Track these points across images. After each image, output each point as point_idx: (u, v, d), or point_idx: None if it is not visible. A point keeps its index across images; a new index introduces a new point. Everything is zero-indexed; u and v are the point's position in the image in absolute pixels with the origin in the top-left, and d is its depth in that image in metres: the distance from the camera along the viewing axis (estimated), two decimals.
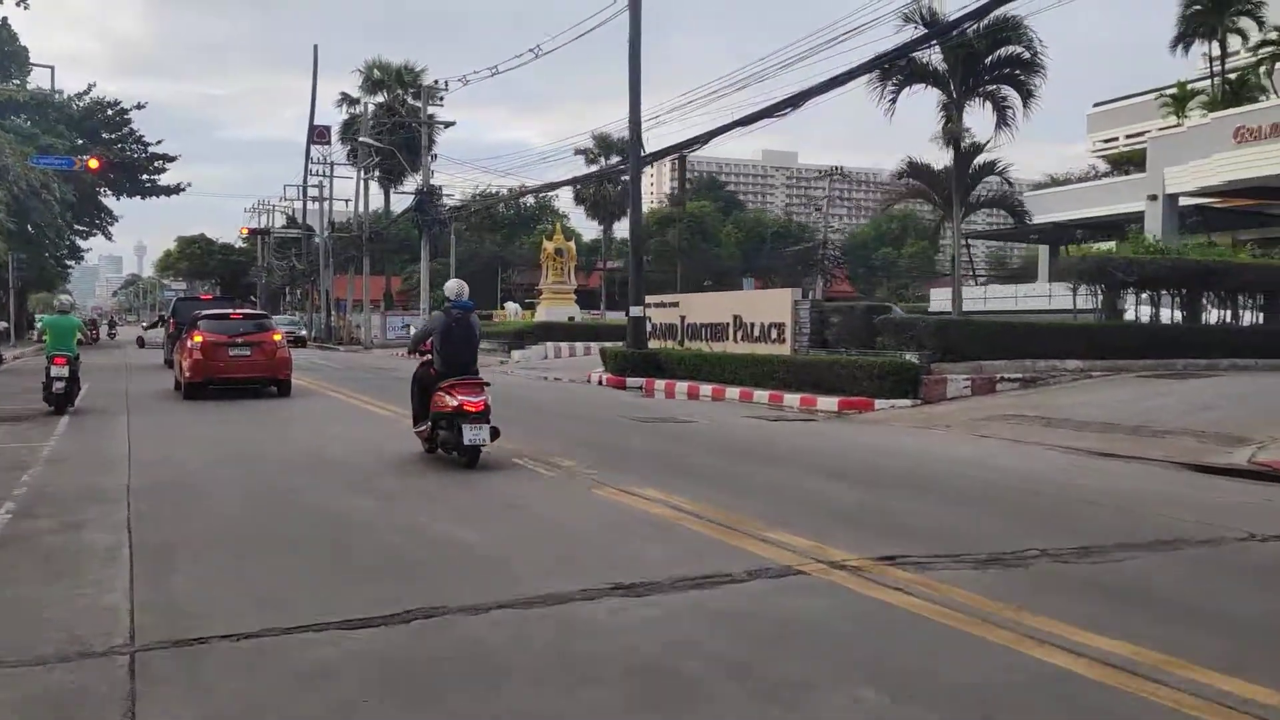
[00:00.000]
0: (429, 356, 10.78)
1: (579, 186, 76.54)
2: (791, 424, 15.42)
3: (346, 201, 64.48)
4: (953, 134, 21.77)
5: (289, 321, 53.27)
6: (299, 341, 48.92)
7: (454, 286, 11.00)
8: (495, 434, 10.07)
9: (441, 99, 45.54)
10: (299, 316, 59.02)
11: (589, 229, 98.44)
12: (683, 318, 24.33)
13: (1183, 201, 35.36)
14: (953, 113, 21.59)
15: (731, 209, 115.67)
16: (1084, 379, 17.87)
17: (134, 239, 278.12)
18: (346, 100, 61.60)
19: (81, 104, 53.87)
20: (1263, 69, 37.93)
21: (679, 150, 24.05)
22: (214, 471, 10.26)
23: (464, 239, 59.73)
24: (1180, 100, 37.51)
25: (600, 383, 24.32)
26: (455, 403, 9.88)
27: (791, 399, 17.96)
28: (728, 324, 22.38)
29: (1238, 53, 38.05)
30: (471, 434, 9.79)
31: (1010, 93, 21.92)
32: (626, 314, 24.08)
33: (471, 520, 7.46)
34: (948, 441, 12.98)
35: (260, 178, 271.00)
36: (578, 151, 75.25)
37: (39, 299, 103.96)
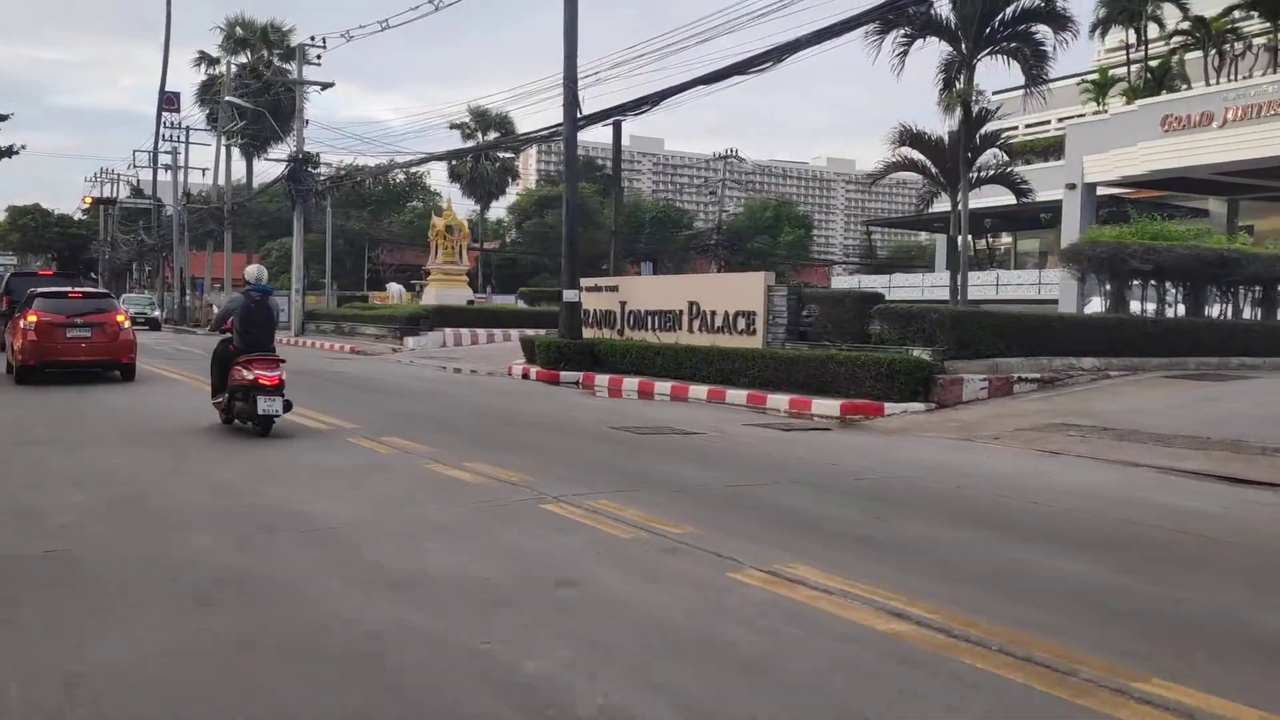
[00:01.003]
0: (229, 335, 11.59)
1: (454, 163, 72.62)
2: (804, 434, 12.81)
3: (204, 171, 59.11)
4: (963, 97, 19.49)
5: (142, 301, 47.88)
6: (153, 324, 43.98)
7: (254, 271, 12.09)
8: (288, 405, 11.03)
9: (319, 58, 40.99)
10: (151, 296, 52.80)
11: (462, 207, 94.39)
12: (623, 304, 21.48)
13: (1100, 191, 34.49)
14: (961, 72, 19.27)
15: (609, 192, 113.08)
16: (1102, 379, 15.90)
17: None
18: (205, 60, 56.06)
19: None
20: (1175, 59, 37.46)
21: (622, 112, 21.15)
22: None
23: (324, 214, 55.28)
24: (1101, 86, 36.73)
25: (525, 376, 21.34)
26: (251, 376, 10.78)
27: (777, 400, 15.36)
28: (680, 311, 19.65)
29: (1156, 41, 37.53)
30: (265, 404, 10.73)
31: (1046, 34, 19.29)
32: (563, 296, 21.04)
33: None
34: (1034, 463, 10.55)
35: (97, 148, 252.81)
36: (453, 126, 71.67)
37: None
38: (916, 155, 22.89)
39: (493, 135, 71.87)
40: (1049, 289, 34.37)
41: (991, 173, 25.73)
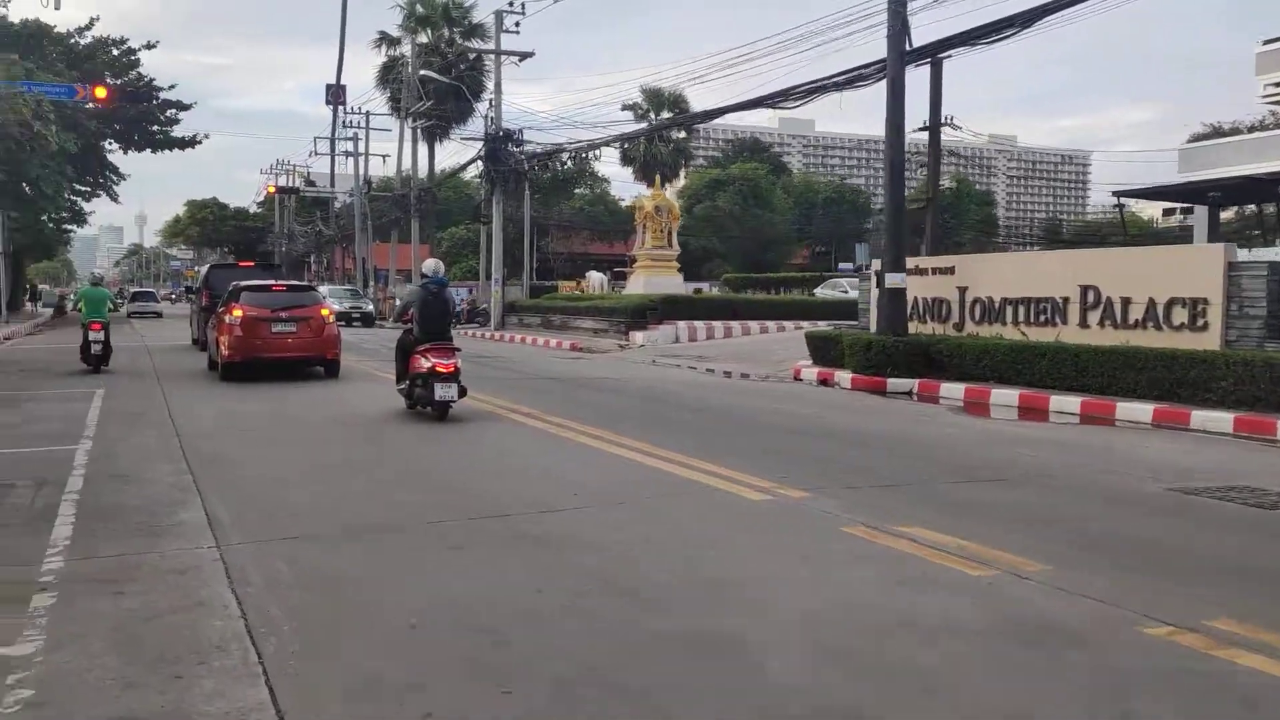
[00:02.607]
0: (410, 325, 12.04)
1: (625, 146, 69.05)
2: None
3: (384, 158, 56.98)
4: None
5: (349, 294, 43.54)
6: (367, 319, 40.04)
7: (431, 265, 12.51)
8: (463, 392, 11.54)
9: (517, 25, 37.39)
10: (355, 287, 48.01)
11: (629, 192, 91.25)
12: (962, 290, 16.89)
13: None
14: None
15: (780, 173, 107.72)
16: None
17: (135, 208, 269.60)
18: (385, 40, 53.56)
19: (84, 41, 45.93)
20: None
21: (948, 46, 16.36)
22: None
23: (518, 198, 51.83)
24: None
25: (825, 382, 17.12)
26: (429, 364, 11.31)
27: None
28: (1065, 300, 14.95)
29: None
30: (442, 391, 11.22)
31: None
32: (883, 282, 16.56)
33: None
34: None
35: (264, 149, 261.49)
36: (625, 107, 68.41)
37: (38, 269, 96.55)
38: None
39: (665, 115, 68.25)
40: None
41: None
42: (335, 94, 60.98)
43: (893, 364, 15.98)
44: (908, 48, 16.39)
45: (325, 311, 17.35)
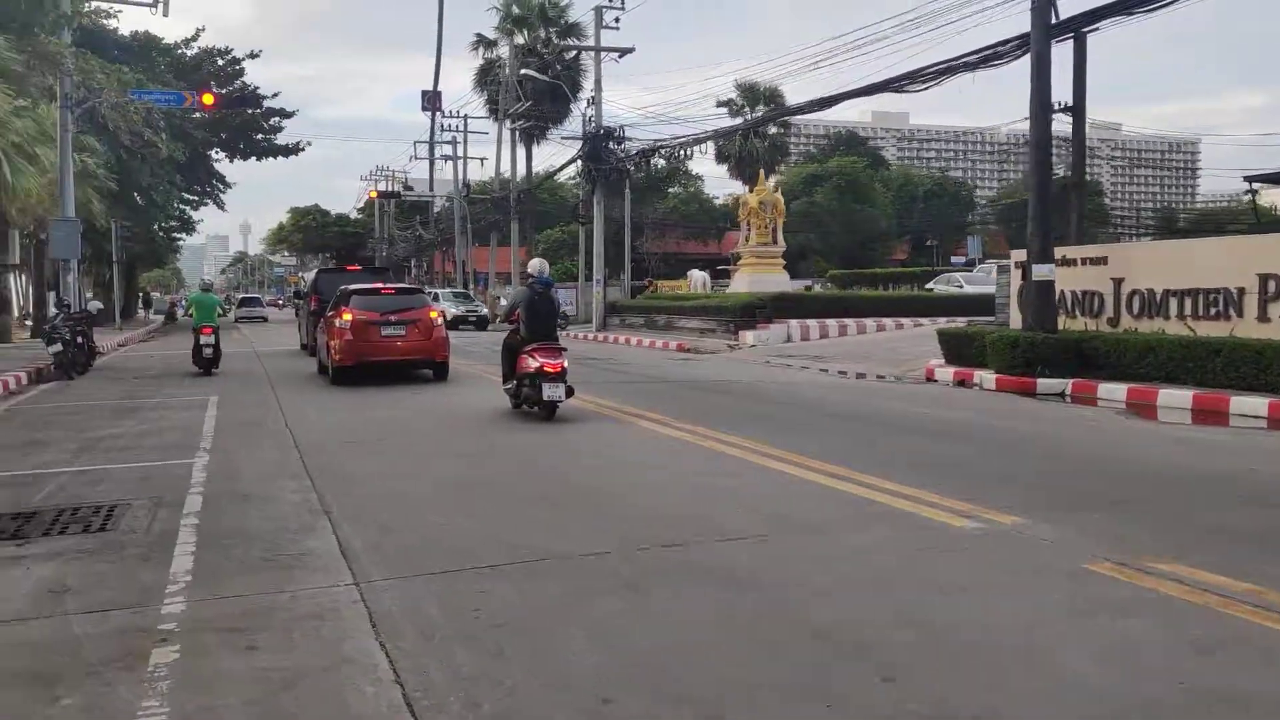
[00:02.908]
0: (517, 325, 11.96)
1: (720, 142, 67.91)
2: None
3: (482, 161, 56.97)
4: None
5: (462, 298, 42.32)
6: (481, 323, 38.60)
7: (537, 265, 12.39)
8: (570, 392, 11.46)
9: (617, 21, 36.68)
10: (467, 290, 47.25)
11: (723, 190, 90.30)
12: (1117, 281, 15.50)
13: None
14: None
15: (877, 167, 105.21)
16: None
17: (239, 218, 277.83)
18: (483, 42, 53.43)
19: (190, 52, 46.74)
20: None
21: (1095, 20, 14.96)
22: None
23: (619, 197, 50.96)
24: None
25: (963, 383, 16.00)
26: (537, 364, 11.24)
27: None
28: (1242, 290, 13.51)
29: None
30: (550, 390, 11.12)
31: None
32: (1029, 274, 15.30)
33: None
34: None
35: (361, 157, 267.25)
36: (720, 103, 67.50)
37: (150, 278, 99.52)
38: None
39: (760, 110, 67.15)
40: None
41: None
42: (432, 99, 61.32)
43: (1042, 363, 14.73)
44: (1053, 20, 15.11)
45: (433, 314, 17.08)
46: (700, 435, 10.08)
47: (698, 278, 42.06)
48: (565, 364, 11.40)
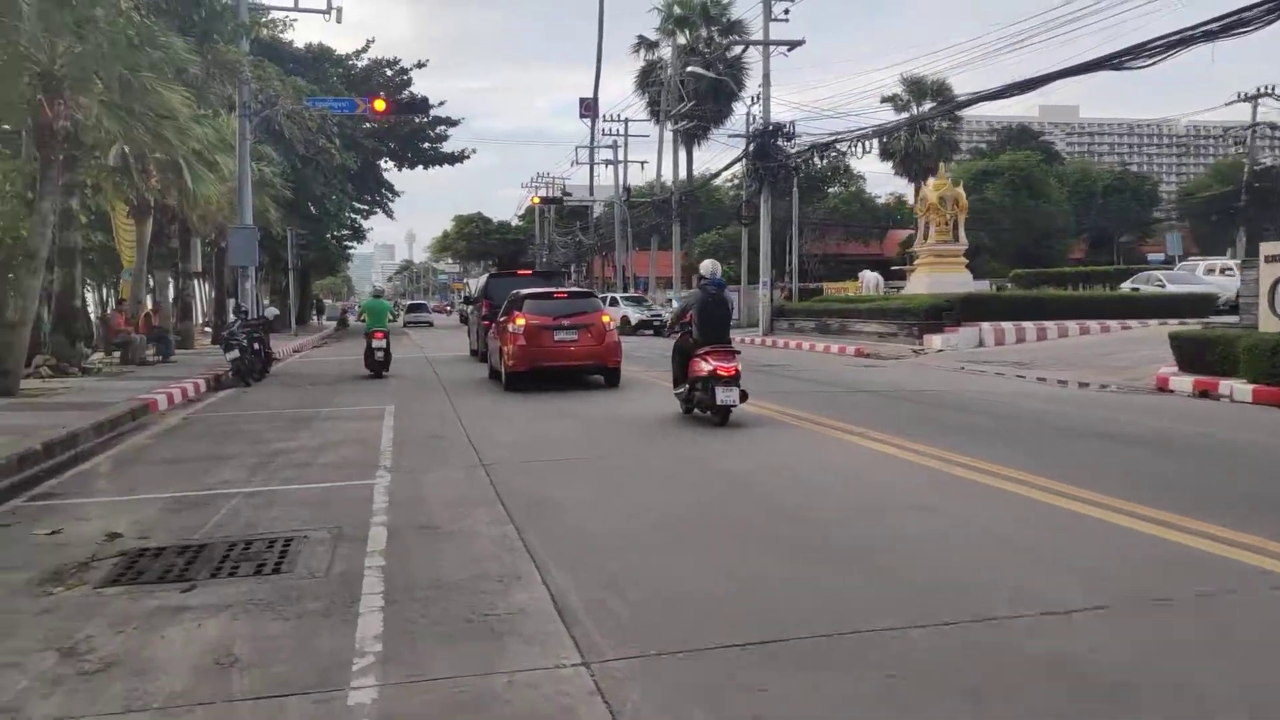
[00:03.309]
0: (689, 329, 11.68)
1: (884, 140, 65.31)
2: None
3: (642, 165, 56.26)
4: None
5: (639, 303, 40.64)
6: (662, 329, 37.00)
7: (709, 266, 11.97)
8: (744, 396, 10.95)
9: (787, 13, 35.16)
10: (643, 295, 45.88)
11: (883, 189, 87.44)
12: None
13: None
14: None
15: (1051, 161, 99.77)
16: None
17: (404, 227, 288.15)
18: (643, 44, 52.88)
19: (360, 64, 47.73)
20: None
21: None
22: None
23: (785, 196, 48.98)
24: None
25: (1207, 394, 14.01)
26: (710, 368, 10.89)
27: None
28: None
29: None
30: (723, 395, 10.75)
31: None
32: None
33: None
34: None
35: (520, 166, 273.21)
36: (884, 99, 65.33)
37: (322, 285, 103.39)
38: None
39: (927, 105, 64.65)
40: None
41: None
42: (592, 105, 61.25)
43: None
44: None
45: (606, 318, 16.62)
46: (922, 454, 8.70)
47: (870, 279, 40.11)
48: (739, 367, 11.03)
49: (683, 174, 51.62)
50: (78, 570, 5.56)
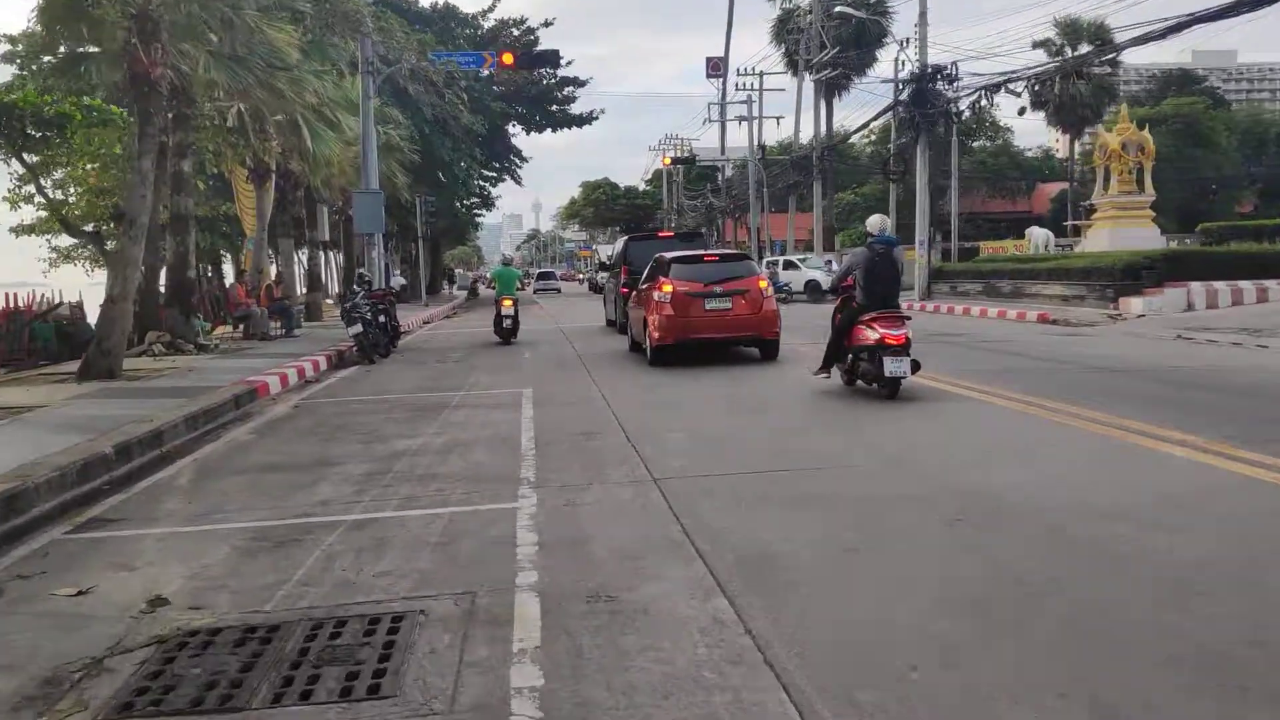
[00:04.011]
0: (851, 292, 10.68)
1: (1036, 88, 60.44)
2: None
3: (778, 120, 53.46)
4: None
5: (814, 264, 37.15)
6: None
7: (877, 222, 10.95)
8: (916, 366, 10.08)
9: None
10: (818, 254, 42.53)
11: (1031, 142, 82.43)
12: None
13: None
14: None
15: (1218, 107, 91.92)
16: None
17: (530, 197, 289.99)
18: None
19: (486, 24, 46.15)
20: None
21: None
22: None
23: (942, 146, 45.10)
24: None
25: None
26: (876, 335, 9.96)
27: None
28: None
29: None
30: (892, 365, 9.83)
31: None
32: None
33: None
34: None
35: (645, 131, 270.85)
36: (1036, 44, 60.83)
37: (453, 256, 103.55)
38: None
39: (1084, 48, 59.89)
40: None
41: None
42: (722, 60, 58.60)
43: None
44: None
45: (763, 283, 14.79)
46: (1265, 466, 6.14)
47: (1040, 235, 36.59)
48: (909, 334, 10.09)
49: (823, 129, 48.59)
50: (84, 677, 3.64)
